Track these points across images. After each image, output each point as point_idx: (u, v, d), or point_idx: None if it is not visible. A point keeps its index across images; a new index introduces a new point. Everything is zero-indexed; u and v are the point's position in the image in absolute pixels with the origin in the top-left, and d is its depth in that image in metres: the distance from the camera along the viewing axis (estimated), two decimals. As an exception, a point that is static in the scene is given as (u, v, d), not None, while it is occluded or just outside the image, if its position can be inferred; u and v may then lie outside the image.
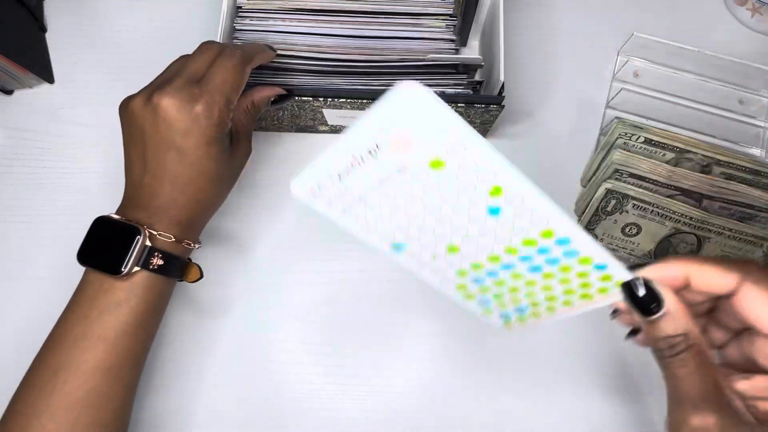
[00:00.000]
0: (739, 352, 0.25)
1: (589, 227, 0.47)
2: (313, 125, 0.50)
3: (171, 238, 0.37)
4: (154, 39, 0.55)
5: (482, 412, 0.46)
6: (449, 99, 0.44)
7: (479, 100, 0.44)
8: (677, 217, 0.44)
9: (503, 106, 0.44)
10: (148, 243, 0.36)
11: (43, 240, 0.50)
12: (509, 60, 0.50)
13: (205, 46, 0.39)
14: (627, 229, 0.47)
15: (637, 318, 0.27)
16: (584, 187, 0.50)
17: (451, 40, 0.45)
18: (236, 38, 0.45)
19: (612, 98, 0.53)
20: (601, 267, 0.29)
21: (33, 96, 0.53)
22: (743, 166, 0.46)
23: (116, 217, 0.37)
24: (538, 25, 0.55)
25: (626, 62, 0.54)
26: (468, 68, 0.45)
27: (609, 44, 0.55)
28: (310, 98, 0.44)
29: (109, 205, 0.50)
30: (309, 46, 0.45)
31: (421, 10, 0.45)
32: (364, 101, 0.43)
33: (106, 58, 0.54)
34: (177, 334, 0.47)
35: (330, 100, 0.44)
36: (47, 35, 0.55)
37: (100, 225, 0.37)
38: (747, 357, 0.25)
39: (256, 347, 0.47)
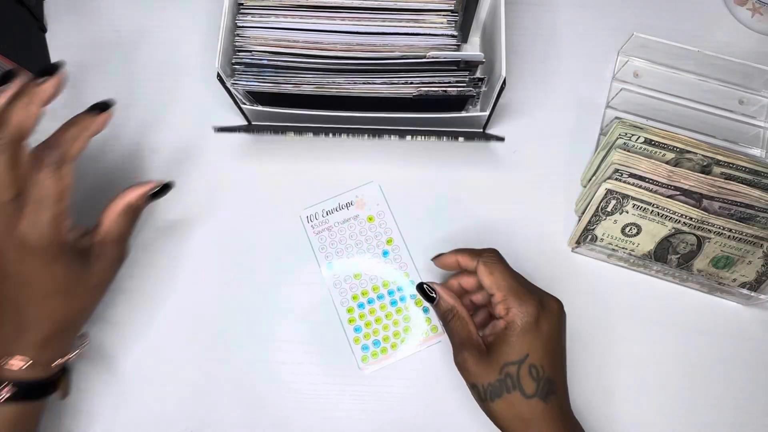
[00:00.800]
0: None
1: (589, 227, 0.47)
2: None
3: (27, 361, 0.35)
4: (154, 38, 0.55)
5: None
6: (453, 135, 0.47)
7: (480, 136, 0.48)
8: (677, 217, 0.44)
9: (503, 139, 0.48)
10: None
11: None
12: (509, 59, 0.49)
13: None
14: (627, 229, 0.47)
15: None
16: (584, 187, 0.50)
17: (453, 36, 0.46)
18: (238, 35, 0.45)
19: (612, 98, 0.53)
20: (425, 311, 0.47)
21: (33, 96, 0.53)
22: (743, 167, 0.46)
23: None
24: (538, 25, 0.55)
25: (626, 62, 0.54)
26: (469, 65, 0.45)
27: (609, 44, 0.55)
28: (311, 134, 0.46)
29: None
30: (310, 43, 0.45)
31: (422, 6, 0.45)
32: (365, 136, 0.46)
33: (106, 58, 0.54)
34: (178, 335, 0.47)
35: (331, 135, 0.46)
36: (47, 35, 0.55)
37: None
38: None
39: (256, 347, 0.47)
